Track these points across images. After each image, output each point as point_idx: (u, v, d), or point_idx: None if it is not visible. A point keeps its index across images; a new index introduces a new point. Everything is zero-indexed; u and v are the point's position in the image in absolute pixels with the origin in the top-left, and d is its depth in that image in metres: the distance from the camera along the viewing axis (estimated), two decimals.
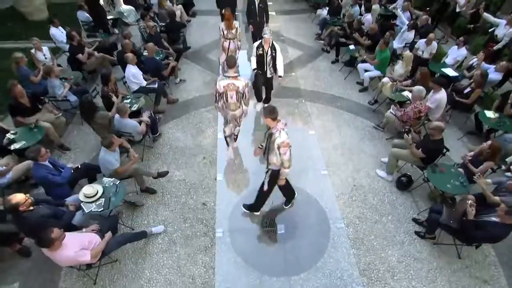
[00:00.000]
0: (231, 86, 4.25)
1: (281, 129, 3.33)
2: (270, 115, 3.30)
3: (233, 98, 4.36)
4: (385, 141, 5.49)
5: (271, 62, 5.27)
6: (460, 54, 6.25)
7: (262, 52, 5.15)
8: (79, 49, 5.99)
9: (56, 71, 4.97)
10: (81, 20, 7.64)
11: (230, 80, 4.24)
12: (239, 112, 4.56)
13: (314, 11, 9.63)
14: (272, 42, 5.15)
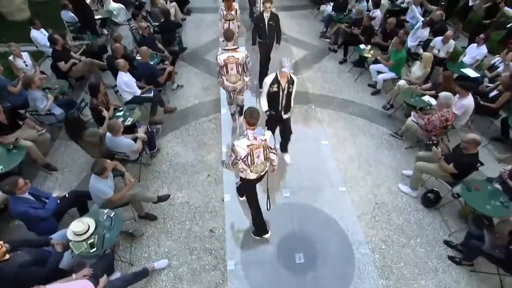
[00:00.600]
0: (231, 59, 4.31)
1: (246, 135, 3.01)
2: (248, 118, 2.96)
3: (233, 70, 4.39)
4: (404, 150, 5.04)
5: (287, 100, 3.95)
6: (480, 53, 5.82)
7: (278, 90, 3.79)
8: (64, 54, 5.38)
9: (37, 81, 4.36)
10: (65, 21, 6.98)
11: (229, 53, 4.30)
12: (240, 85, 4.58)
13: (316, 6, 9.13)
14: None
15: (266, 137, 3.09)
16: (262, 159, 3.16)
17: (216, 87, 6.13)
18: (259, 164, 3.16)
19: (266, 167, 3.31)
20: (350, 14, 7.50)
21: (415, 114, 4.76)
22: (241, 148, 2.99)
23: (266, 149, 3.15)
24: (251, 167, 3.13)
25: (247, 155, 3.03)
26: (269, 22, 5.19)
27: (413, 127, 4.70)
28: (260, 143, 3.05)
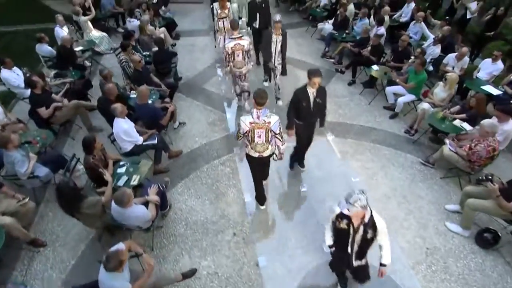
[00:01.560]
0: (237, 46, 4.86)
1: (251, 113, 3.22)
2: (258, 99, 3.14)
3: (239, 57, 4.93)
4: (440, 180, 4.61)
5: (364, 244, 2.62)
6: (496, 69, 5.60)
7: (348, 228, 2.49)
8: (45, 98, 4.56)
9: (15, 140, 3.53)
10: (42, 55, 6.11)
11: (236, 41, 4.85)
12: (245, 69, 5.11)
13: (311, 24, 8.78)
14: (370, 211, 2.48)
15: (271, 120, 3.20)
16: (263, 140, 3.30)
17: (223, 121, 5.55)
18: (259, 144, 3.33)
19: (267, 150, 3.43)
20: (352, 32, 7.16)
21: (451, 143, 4.36)
22: (244, 123, 3.22)
23: (269, 131, 3.25)
24: (251, 144, 3.35)
25: (249, 131, 3.24)
26: (316, 99, 3.75)
27: (452, 157, 4.28)
28: (263, 123, 3.19)
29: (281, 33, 4.97)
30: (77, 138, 5.20)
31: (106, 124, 5.37)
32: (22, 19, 9.29)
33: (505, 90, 5.37)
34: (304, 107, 3.72)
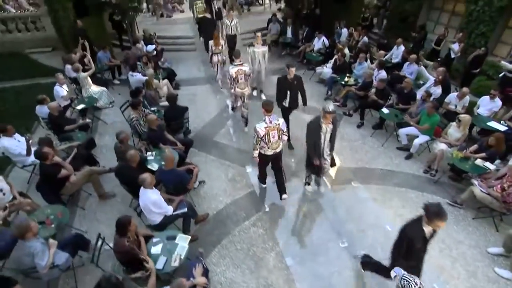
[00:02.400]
0: (240, 71, 5.86)
1: (264, 120, 4.14)
2: (266, 107, 4.13)
3: (242, 79, 5.91)
4: (472, 221, 4.59)
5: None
6: (495, 106, 5.93)
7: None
8: (55, 169, 4.15)
9: (35, 227, 3.08)
10: (42, 118, 5.74)
11: (238, 67, 5.87)
12: (247, 91, 6.09)
13: (307, 67, 9.11)
14: None
15: (279, 122, 4.20)
16: (276, 138, 4.21)
17: (243, 176, 5.33)
18: (274, 142, 4.23)
19: (280, 146, 4.36)
20: (352, 75, 7.46)
21: (481, 184, 4.41)
22: (260, 129, 4.08)
23: (280, 131, 4.20)
24: (268, 144, 4.19)
25: (265, 135, 4.10)
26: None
27: (486, 199, 4.30)
28: (275, 126, 4.14)
29: (332, 121, 4.13)
30: (88, 207, 4.76)
31: (118, 187, 4.99)
32: (10, 75, 8.85)
33: (508, 125, 5.66)
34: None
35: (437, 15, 10.18)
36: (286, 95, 5.40)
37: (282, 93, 5.43)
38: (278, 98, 5.52)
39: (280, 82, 5.43)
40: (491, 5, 7.91)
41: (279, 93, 5.48)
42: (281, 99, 5.49)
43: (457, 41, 7.81)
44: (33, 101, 7.50)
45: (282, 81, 5.41)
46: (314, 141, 4.22)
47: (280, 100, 5.51)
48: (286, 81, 5.35)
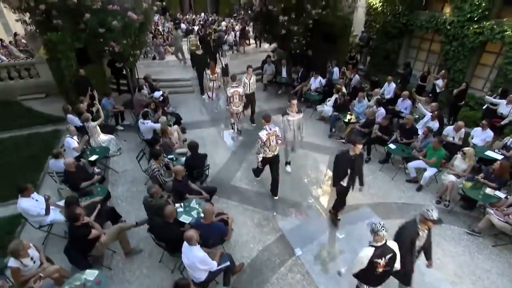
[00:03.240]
0: (235, 92, 7.28)
1: (265, 128, 5.28)
2: (266, 118, 5.37)
3: (236, 99, 7.35)
4: (493, 248, 4.86)
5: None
6: (488, 135, 6.52)
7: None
8: (87, 230, 4.01)
9: None
10: (55, 172, 5.57)
11: (234, 88, 7.29)
12: (240, 109, 7.53)
13: (305, 106, 9.57)
14: None
15: (276, 129, 5.35)
16: (274, 142, 5.33)
17: (269, 220, 5.39)
18: (273, 146, 5.33)
19: (277, 149, 5.45)
20: (353, 112, 7.93)
21: (497, 212, 4.74)
22: (263, 135, 5.20)
23: (277, 136, 5.33)
24: (269, 148, 5.28)
25: (267, 140, 5.20)
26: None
27: (505, 227, 4.62)
28: (273, 132, 5.28)
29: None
30: (114, 266, 4.56)
31: (143, 242, 4.89)
32: (6, 124, 8.57)
33: (502, 153, 6.20)
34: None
35: (415, 53, 11.26)
36: (347, 174, 4.64)
37: (343, 172, 4.63)
38: (336, 178, 4.74)
39: (340, 159, 4.63)
40: (463, 45, 8.93)
41: (339, 173, 4.68)
42: (340, 178, 4.70)
43: (441, 77, 8.63)
44: (34, 152, 7.37)
45: (343, 159, 4.59)
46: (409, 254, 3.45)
47: (339, 179, 4.72)
48: (349, 158, 4.51)
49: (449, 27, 9.11)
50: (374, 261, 3.15)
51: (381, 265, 3.18)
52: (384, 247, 3.17)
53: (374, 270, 3.20)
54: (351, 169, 4.55)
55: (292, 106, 5.99)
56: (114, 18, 7.96)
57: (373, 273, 3.22)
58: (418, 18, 10.20)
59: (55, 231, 4.99)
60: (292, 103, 5.98)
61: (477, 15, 8.38)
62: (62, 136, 8.25)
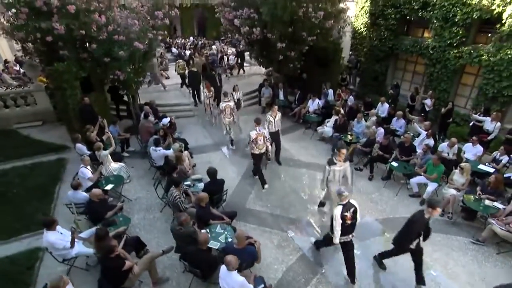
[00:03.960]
0: (227, 106, 8.49)
1: (255, 129, 6.70)
2: (257, 122, 6.77)
3: (228, 112, 8.51)
4: (497, 256, 5.28)
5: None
6: (478, 151, 7.12)
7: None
8: (121, 261, 4.07)
9: None
10: (75, 203, 5.56)
11: (226, 103, 8.54)
12: (231, 120, 8.66)
13: (305, 127, 9.99)
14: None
15: (264, 132, 6.84)
16: (262, 142, 6.69)
17: (288, 241, 5.66)
18: (260, 144, 6.69)
19: (263, 148, 6.79)
20: (353, 132, 8.42)
21: (498, 222, 5.19)
22: (253, 134, 6.59)
23: (264, 137, 6.74)
24: (256, 145, 6.67)
25: (256, 138, 6.60)
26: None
27: (507, 236, 5.06)
28: (262, 133, 6.68)
29: None
30: None
31: (168, 270, 4.95)
32: (5, 154, 8.40)
33: (493, 167, 6.79)
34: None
35: (401, 74, 12.12)
36: (419, 237, 4.40)
37: (415, 235, 4.36)
38: (406, 240, 4.46)
39: (416, 221, 4.29)
40: (446, 68, 9.77)
41: (411, 234, 4.38)
42: (411, 240, 4.41)
43: (429, 97, 9.35)
44: (41, 182, 7.29)
45: (418, 221, 4.26)
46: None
47: (409, 242, 4.42)
48: (425, 222, 4.27)
49: (432, 51, 9.96)
50: (344, 215, 4.29)
51: (348, 218, 4.33)
52: (348, 204, 4.37)
53: (345, 222, 4.33)
54: (424, 233, 4.36)
55: (340, 155, 5.37)
56: (120, 48, 8.21)
57: (344, 225, 4.35)
58: (403, 43, 11.08)
59: (76, 263, 4.97)
60: (341, 152, 5.36)
61: (456, 41, 9.25)
62: (67, 164, 8.24)
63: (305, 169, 7.83)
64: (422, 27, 10.84)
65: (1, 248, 5.42)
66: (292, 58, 10.06)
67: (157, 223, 6.05)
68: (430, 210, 4.16)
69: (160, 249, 4.86)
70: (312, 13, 8.95)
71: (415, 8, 10.14)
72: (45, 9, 7.38)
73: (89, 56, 8.36)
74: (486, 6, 8.33)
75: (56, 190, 7.12)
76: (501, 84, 8.29)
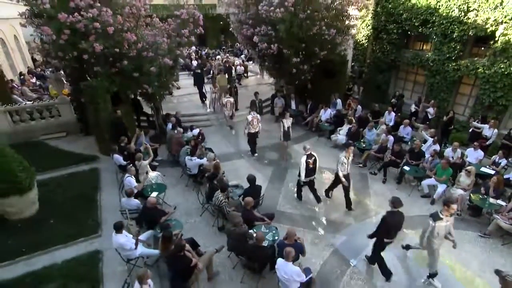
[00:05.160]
0: (228, 101, 10.80)
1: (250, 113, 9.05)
2: (250, 107, 10.02)
3: (228, 106, 10.79)
4: (502, 247, 6.07)
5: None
6: (480, 155, 8.00)
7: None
8: (189, 259, 4.71)
9: None
10: (128, 209, 6.16)
11: (227, 98, 10.87)
12: (231, 113, 11.01)
13: (318, 135, 10.76)
14: None
15: (257, 115, 9.09)
16: (255, 123, 8.95)
17: (320, 238, 6.33)
18: (254, 125, 8.94)
19: (257, 128, 9.07)
20: (365, 140, 9.23)
21: (502, 217, 6.01)
22: (249, 117, 8.89)
23: (257, 120, 9.00)
24: (252, 126, 8.92)
25: (251, 120, 8.87)
26: None
27: (511, 229, 5.87)
28: (256, 116, 9.02)
29: None
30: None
31: (220, 267, 5.58)
32: (41, 165, 8.80)
33: (493, 169, 7.66)
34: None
35: (402, 83, 13.06)
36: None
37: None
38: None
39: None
40: (445, 79, 10.72)
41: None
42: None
43: (431, 106, 10.26)
44: (81, 191, 7.80)
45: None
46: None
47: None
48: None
49: (432, 64, 10.91)
50: (307, 161, 6.73)
51: (310, 163, 6.77)
52: (310, 154, 6.81)
53: (308, 166, 6.74)
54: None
55: (449, 209, 4.79)
56: (150, 63, 8.87)
57: (307, 169, 6.76)
58: (404, 56, 12.04)
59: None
60: (451, 207, 4.76)
61: (454, 55, 10.22)
62: (101, 174, 8.79)
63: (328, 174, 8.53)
64: (422, 40, 11.82)
65: (63, 252, 5.98)
66: (304, 71, 10.85)
67: (199, 226, 6.67)
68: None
69: (207, 249, 5.52)
70: (325, 30, 9.77)
71: (416, 24, 11.10)
72: (83, 30, 7.97)
73: (118, 71, 8.98)
74: (480, 25, 9.31)
75: (98, 197, 7.67)
76: (496, 94, 9.25)
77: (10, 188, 6.23)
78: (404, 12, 11.36)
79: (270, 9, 9.30)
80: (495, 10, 8.89)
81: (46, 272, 5.42)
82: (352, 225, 6.70)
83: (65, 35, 7.84)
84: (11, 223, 6.59)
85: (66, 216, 6.91)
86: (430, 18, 10.58)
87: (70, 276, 5.35)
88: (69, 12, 7.66)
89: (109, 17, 7.85)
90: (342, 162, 6.81)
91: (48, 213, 6.97)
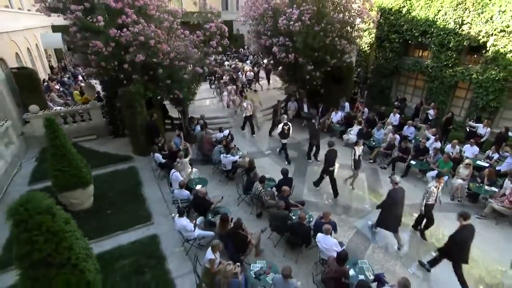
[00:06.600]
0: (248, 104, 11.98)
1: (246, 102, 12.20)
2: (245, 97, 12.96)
3: (286, 132, 10.13)
4: (496, 226, 7.24)
5: None
6: (475, 150, 9.22)
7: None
8: (246, 235, 5.75)
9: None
10: (180, 199, 7.16)
11: (284, 124, 10.06)
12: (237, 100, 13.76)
13: (330, 135, 11.88)
14: None
15: (250, 102, 11.93)
16: (250, 108, 11.75)
17: (344, 221, 7.41)
18: (250, 109, 11.78)
19: (251, 111, 11.85)
20: (375, 138, 10.38)
21: (496, 201, 7.18)
22: (245, 104, 11.87)
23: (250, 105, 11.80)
24: (248, 110, 11.80)
25: (247, 106, 11.74)
26: None
27: (504, 210, 7.06)
28: (252, 104, 11.86)
29: None
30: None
31: (263, 245, 6.59)
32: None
33: (488, 162, 8.86)
34: None
35: (403, 88, 14.30)
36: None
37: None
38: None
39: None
40: (443, 83, 11.97)
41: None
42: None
43: (432, 108, 11.47)
44: (126, 187, 8.74)
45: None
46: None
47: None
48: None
49: (431, 70, 12.16)
50: (284, 128, 9.52)
51: (286, 129, 9.55)
52: (286, 123, 9.64)
53: (284, 131, 9.48)
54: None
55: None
56: (181, 71, 9.90)
57: (283, 133, 9.56)
58: (405, 63, 13.28)
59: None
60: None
61: (450, 63, 11.47)
62: (139, 171, 9.74)
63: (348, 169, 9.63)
64: (422, 48, 13.07)
65: (125, 236, 6.92)
66: (316, 77, 11.98)
67: (237, 214, 7.68)
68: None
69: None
70: (337, 41, 10.93)
71: (416, 35, 12.35)
72: (124, 43, 8.96)
73: (152, 78, 9.99)
74: (473, 36, 10.57)
75: (142, 192, 8.64)
76: (488, 97, 10.50)
77: (77, 182, 7.19)
78: (405, 23, 12.60)
79: (290, 23, 10.41)
80: (486, 24, 10.15)
81: (117, 252, 6.39)
82: (369, 210, 7.81)
83: (110, 47, 8.83)
84: (75, 214, 7.51)
85: (119, 207, 7.86)
86: (429, 29, 11.83)
87: (139, 253, 6.33)
88: (116, 27, 8.66)
89: (152, 32, 8.87)
90: (431, 192, 6.75)
91: (102, 205, 7.92)
